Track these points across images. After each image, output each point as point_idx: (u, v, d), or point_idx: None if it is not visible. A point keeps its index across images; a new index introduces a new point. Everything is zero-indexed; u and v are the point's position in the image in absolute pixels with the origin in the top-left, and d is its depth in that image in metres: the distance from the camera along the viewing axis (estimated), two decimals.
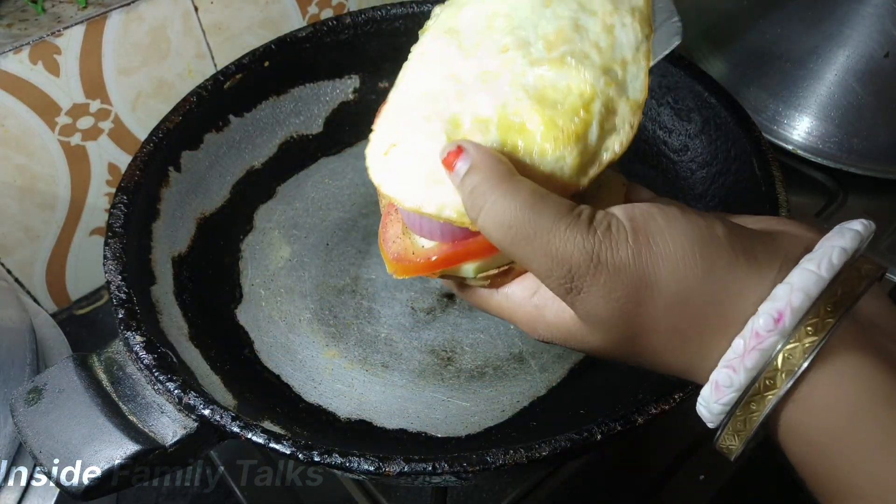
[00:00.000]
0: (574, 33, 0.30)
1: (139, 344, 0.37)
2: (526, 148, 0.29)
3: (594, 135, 0.29)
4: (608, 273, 0.25)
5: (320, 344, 0.49)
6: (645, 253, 0.25)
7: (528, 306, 0.31)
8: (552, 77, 0.29)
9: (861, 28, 0.64)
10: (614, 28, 0.30)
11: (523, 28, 0.31)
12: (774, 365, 0.24)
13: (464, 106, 0.30)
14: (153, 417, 0.36)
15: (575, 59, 0.29)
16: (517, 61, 0.30)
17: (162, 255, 0.47)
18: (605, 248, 0.25)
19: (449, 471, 0.32)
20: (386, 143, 0.31)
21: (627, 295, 0.25)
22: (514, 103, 0.29)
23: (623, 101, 0.29)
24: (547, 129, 0.28)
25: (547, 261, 0.26)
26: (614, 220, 0.26)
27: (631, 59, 0.30)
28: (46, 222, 0.60)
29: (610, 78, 0.29)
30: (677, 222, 0.26)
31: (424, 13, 0.57)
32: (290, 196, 0.57)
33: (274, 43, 0.54)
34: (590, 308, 0.26)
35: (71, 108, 0.56)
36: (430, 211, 0.29)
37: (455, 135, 0.29)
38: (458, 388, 0.46)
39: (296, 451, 0.33)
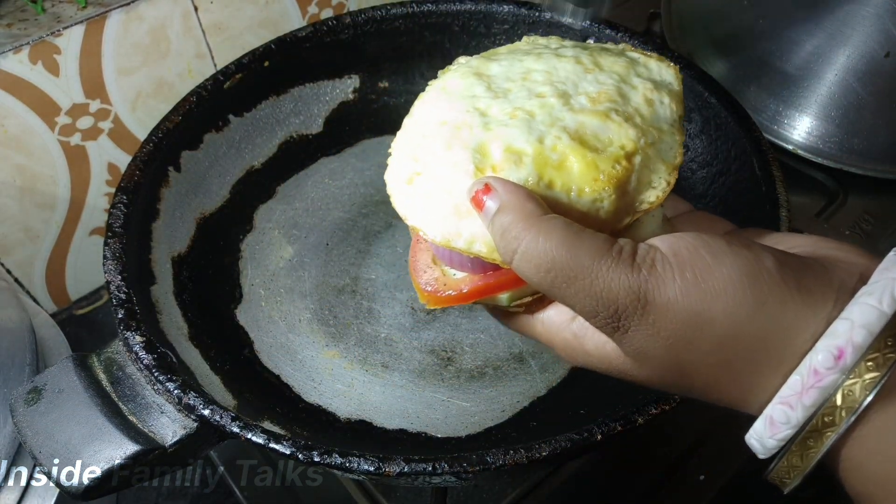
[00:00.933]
0: (618, 96, 0.30)
1: (139, 344, 0.37)
2: (564, 185, 0.28)
3: (633, 184, 0.29)
4: (657, 312, 0.24)
5: (320, 344, 0.49)
6: (693, 290, 0.24)
7: (566, 333, 0.30)
8: (595, 126, 0.29)
9: (861, 28, 0.64)
10: (654, 103, 0.31)
11: (563, 84, 0.31)
12: (833, 402, 0.23)
13: (492, 136, 0.29)
14: (153, 417, 0.36)
15: (619, 117, 0.29)
16: (556, 107, 0.30)
17: (162, 255, 0.47)
18: (651, 286, 0.24)
19: (449, 471, 0.32)
20: (408, 171, 0.31)
21: (677, 333, 0.25)
22: (553, 140, 0.28)
23: (660, 162, 0.30)
24: (587, 169, 0.28)
25: (591, 301, 0.25)
26: (659, 256, 0.25)
27: (667, 130, 0.31)
28: (46, 222, 0.60)
29: (650, 140, 0.29)
30: (725, 257, 0.25)
31: (424, 13, 0.57)
32: (290, 196, 0.57)
33: (274, 43, 0.54)
34: (637, 346, 0.26)
35: (71, 108, 0.56)
36: (459, 246, 0.29)
37: (483, 163, 0.28)
38: (458, 389, 0.46)
39: (296, 451, 0.33)
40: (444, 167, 0.29)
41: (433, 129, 0.31)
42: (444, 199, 0.29)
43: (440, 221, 0.29)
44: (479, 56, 0.34)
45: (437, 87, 0.33)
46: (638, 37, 0.53)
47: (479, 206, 0.27)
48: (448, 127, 0.30)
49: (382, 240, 0.55)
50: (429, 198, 0.29)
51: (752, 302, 0.24)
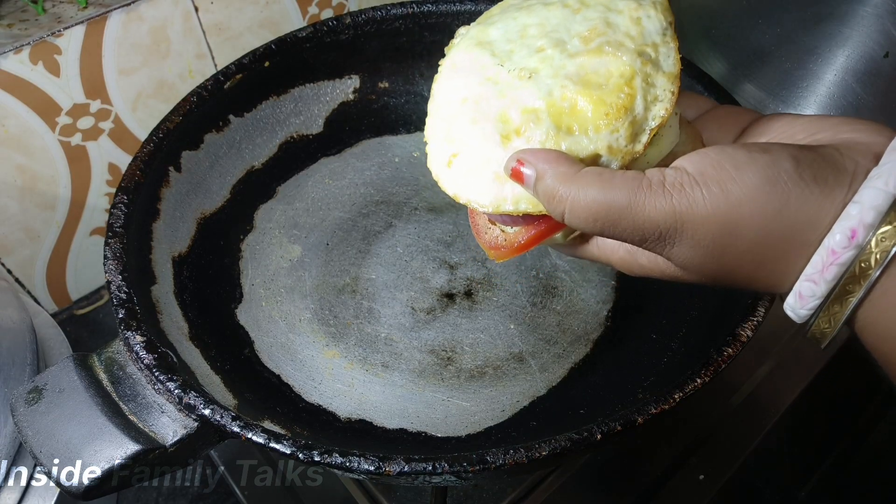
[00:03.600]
0: (606, 28, 0.32)
1: (139, 344, 0.37)
2: (581, 127, 0.31)
3: (640, 106, 0.31)
4: (693, 227, 0.28)
5: (320, 344, 0.49)
6: (722, 202, 0.27)
7: (620, 252, 0.33)
8: (593, 64, 0.31)
9: (860, 28, 0.64)
10: (641, 20, 0.33)
11: (557, 31, 0.33)
12: (853, 273, 0.27)
13: (507, 102, 0.32)
14: (153, 417, 0.36)
15: (611, 47, 0.31)
16: (555, 57, 0.32)
17: (162, 255, 0.47)
18: (684, 207, 0.28)
19: (449, 470, 0.32)
20: (446, 154, 0.33)
21: (714, 241, 0.28)
22: (560, 90, 0.31)
23: (660, 75, 0.32)
24: (597, 106, 0.30)
25: (638, 233, 0.29)
26: (686, 178, 0.28)
27: (660, 42, 0.32)
28: (47, 222, 0.60)
29: (645, 58, 0.32)
30: (746, 167, 0.28)
31: (424, 13, 0.57)
32: (291, 196, 0.57)
33: (274, 43, 0.54)
34: (683, 257, 0.29)
35: (71, 109, 0.56)
36: (508, 209, 0.32)
37: (507, 130, 0.31)
38: (458, 388, 0.46)
39: (296, 450, 0.33)
40: (476, 142, 0.32)
41: (457, 109, 0.33)
42: (483, 172, 0.32)
43: (485, 192, 0.32)
44: (476, 23, 0.36)
45: (448, 65, 0.35)
46: None
47: (520, 179, 0.30)
48: (469, 103, 0.33)
49: (382, 240, 0.55)
50: (470, 174, 0.32)
51: (776, 203, 0.27)
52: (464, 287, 0.52)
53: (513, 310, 0.50)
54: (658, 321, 0.47)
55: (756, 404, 0.58)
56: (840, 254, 0.26)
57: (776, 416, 0.57)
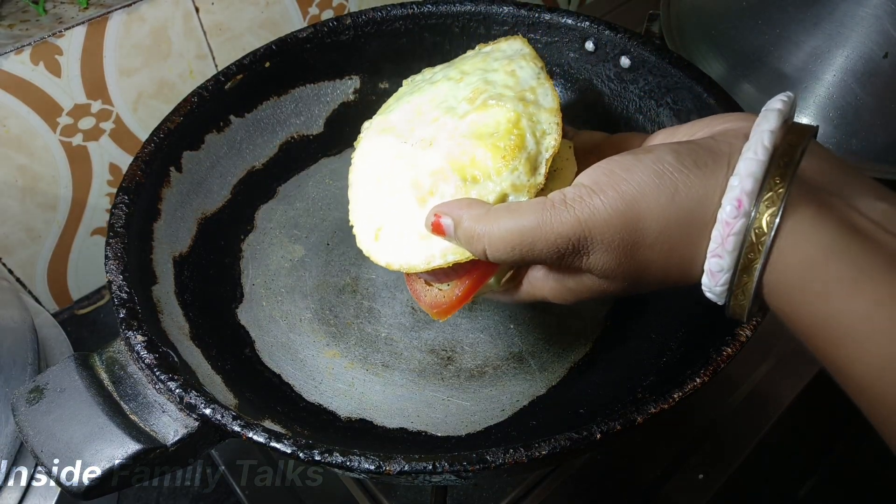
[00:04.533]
0: (486, 86, 0.36)
1: (140, 343, 0.37)
2: (484, 174, 0.34)
3: (531, 142, 0.34)
4: (600, 231, 0.30)
5: (321, 343, 0.49)
6: (619, 203, 0.30)
7: (550, 283, 0.35)
8: (481, 118, 0.35)
9: (860, 29, 0.64)
10: (515, 71, 0.36)
11: (446, 101, 0.37)
12: (750, 240, 0.28)
13: (417, 171, 0.35)
14: (154, 417, 0.36)
15: (494, 100, 0.35)
16: (448, 122, 0.35)
17: (163, 254, 0.47)
18: (586, 215, 0.30)
19: (449, 469, 0.32)
20: (372, 230, 0.36)
21: (622, 239, 0.30)
22: (458, 148, 0.34)
23: (542, 112, 0.35)
24: (493, 152, 0.34)
25: (553, 250, 0.30)
26: (583, 190, 0.30)
27: (536, 84, 0.36)
28: (48, 222, 0.61)
29: (526, 101, 0.35)
30: (634, 168, 0.30)
31: (425, 14, 0.57)
32: (291, 196, 0.57)
33: (275, 43, 0.55)
34: (601, 265, 0.31)
35: (72, 109, 0.56)
36: (438, 263, 0.34)
37: (421, 193, 0.34)
38: (458, 388, 0.46)
39: (296, 450, 0.33)
40: (397, 211, 0.35)
41: (373, 188, 0.37)
42: (409, 236, 0.35)
43: (415, 253, 0.35)
44: (377, 115, 0.41)
45: (359, 155, 0.39)
46: (637, 37, 0.53)
47: (440, 231, 0.33)
48: (384, 181, 0.36)
49: None
50: (398, 241, 0.35)
51: (667, 192, 0.29)
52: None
53: (513, 310, 0.50)
54: (658, 321, 0.48)
55: (756, 404, 0.58)
56: (732, 224, 0.28)
57: (776, 415, 0.57)
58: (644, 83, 0.53)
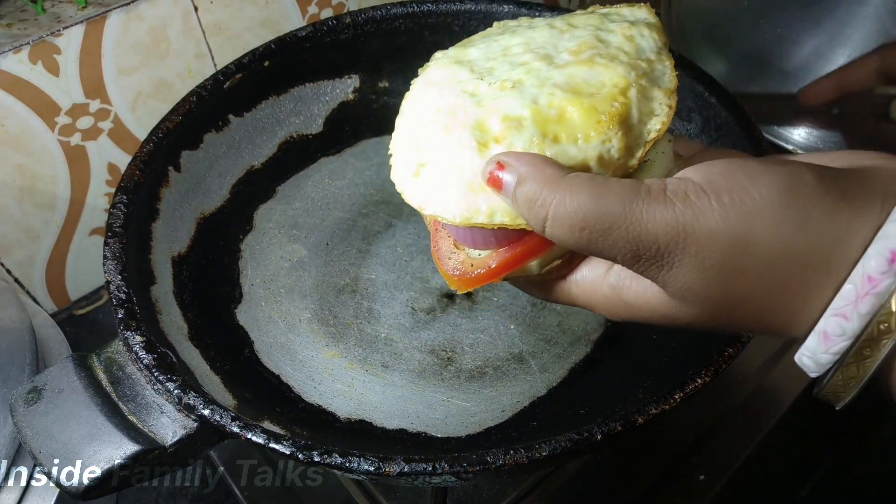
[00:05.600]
0: (597, 42, 0.30)
1: (139, 344, 0.37)
2: (569, 136, 0.28)
3: (635, 117, 0.29)
4: (698, 242, 0.24)
5: (320, 344, 0.49)
6: (733, 214, 0.23)
7: (604, 288, 0.29)
8: (583, 73, 0.29)
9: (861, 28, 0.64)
10: (634, 38, 0.31)
11: (543, 48, 0.31)
12: (888, 308, 0.22)
13: (487, 111, 0.29)
14: (153, 417, 0.36)
15: (603, 59, 0.29)
16: (542, 69, 0.30)
17: (162, 254, 0.47)
18: (689, 217, 0.23)
19: (449, 471, 0.32)
20: (414, 164, 0.31)
21: (723, 261, 0.24)
22: (547, 98, 0.28)
23: (656, 89, 0.30)
24: (588, 114, 0.28)
25: (631, 247, 0.24)
26: (691, 186, 0.24)
27: (655, 59, 0.31)
28: (46, 222, 0.60)
29: (640, 72, 0.29)
30: (762, 177, 0.24)
31: (424, 13, 0.57)
32: (290, 196, 0.57)
33: (274, 43, 0.54)
34: (682, 283, 0.25)
35: (71, 108, 0.56)
36: (481, 221, 0.29)
37: (485, 138, 0.29)
38: (458, 388, 0.46)
39: (295, 451, 0.33)
40: (448, 150, 0.29)
41: (428, 119, 0.31)
42: (455, 181, 0.29)
43: (456, 202, 0.29)
44: (454, 46, 0.35)
45: (422, 81, 0.33)
46: None
47: (497, 185, 0.27)
48: (443, 113, 0.30)
49: (382, 240, 0.55)
50: (440, 183, 0.30)
51: (797, 217, 0.23)
52: None
53: (513, 310, 0.50)
54: None
55: (756, 404, 0.57)
56: (878, 281, 0.22)
57: (776, 415, 0.57)
58: None
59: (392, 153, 0.32)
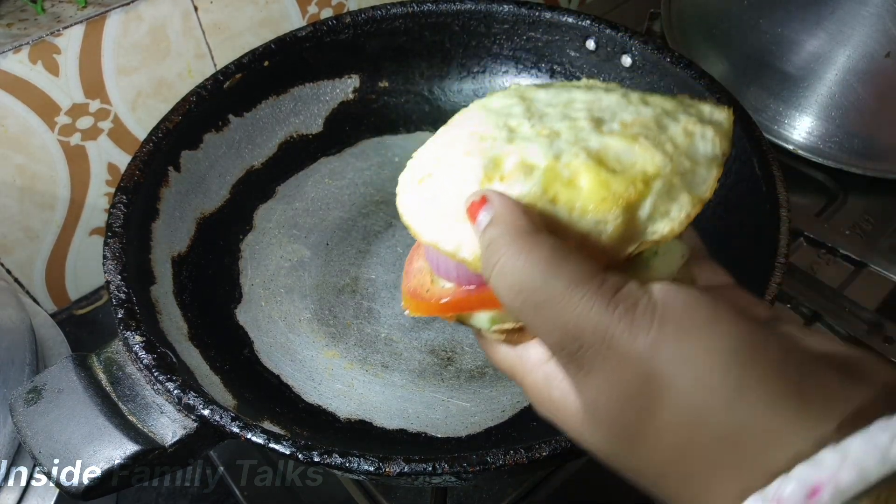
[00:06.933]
0: (653, 124, 0.29)
1: (139, 344, 0.37)
2: (567, 202, 0.27)
3: (645, 211, 0.27)
4: (617, 359, 0.21)
5: (320, 344, 0.49)
6: (666, 350, 0.21)
7: (538, 374, 0.27)
8: (619, 148, 0.27)
9: (862, 28, 0.64)
10: (694, 135, 0.29)
11: (602, 112, 0.30)
12: None
13: (511, 149, 0.28)
14: (153, 417, 0.36)
15: (648, 141, 0.28)
16: (585, 129, 0.29)
17: (161, 254, 0.47)
18: (621, 329, 0.21)
19: (449, 471, 0.32)
20: (422, 172, 0.30)
21: (633, 392, 0.21)
22: (569, 157, 0.27)
23: (685, 193, 0.27)
24: (596, 188, 0.26)
25: (557, 332, 0.22)
26: (644, 300, 0.22)
27: (703, 164, 0.28)
28: (46, 222, 0.60)
29: (678, 168, 0.27)
30: (722, 325, 0.21)
31: (424, 13, 0.57)
32: (290, 196, 0.57)
33: (274, 42, 0.54)
34: (591, 395, 0.23)
35: (70, 108, 0.56)
36: (447, 248, 0.28)
37: (493, 173, 0.28)
38: (459, 389, 0.46)
39: (295, 451, 0.33)
40: (455, 172, 0.29)
41: (461, 137, 0.30)
42: (445, 202, 0.29)
43: (434, 222, 0.29)
44: (532, 85, 0.34)
45: (479, 104, 0.33)
46: (638, 36, 0.53)
47: (472, 217, 0.26)
48: (475, 138, 0.30)
49: (382, 240, 0.55)
50: (432, 199, 0.29)
51: (732, 388, 0.20)
52: None
53: None
54: None
55: None
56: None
57: None
58: (645, 82, 0.53)
59: (415, 155, 0.32)
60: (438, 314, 0.30)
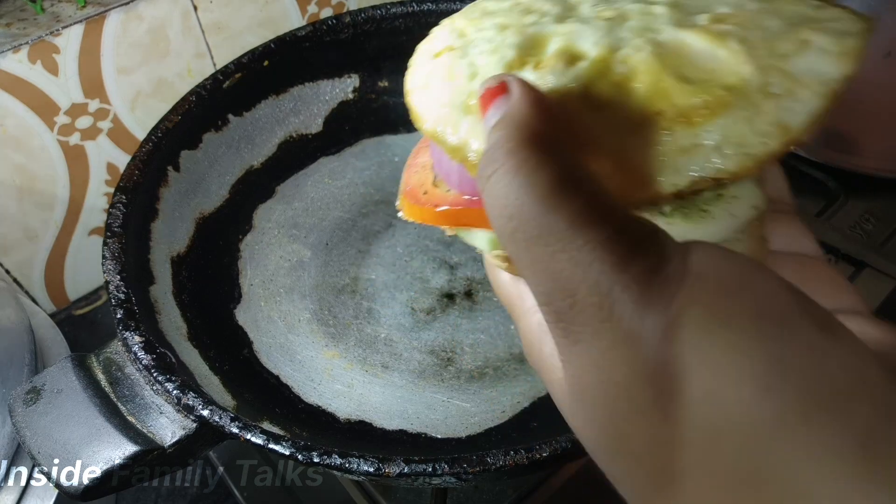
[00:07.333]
0: (757, 23, 0.21)
1: (138, 344, 0.37)
2: (611, 108, 0.20)
3: (713, 136, 0.20)
4: (614, 337, 0.16)
5: (320, 344, 0.49)
6: (683, 341, 0.15)
7: (534, 319, 0.23)
8: (698, 47, 0.21)
9: None
10: (809, 46, 0.21)
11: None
12: None
13: (560, 29, 0.22)
14: (152, 418, 0.36)
15: (738, 45, 0.21)
16: (661, 16, 0.22)
17: (161, 255, 0.47)
18: (628, 297, 0.15)
19: (449, 472, 0.32)
20: (444, 44, 0.25)
21: (628, 384, 0.16)
22: (629, 51, 0.21)
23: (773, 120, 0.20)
24: (653, 95, 0.20)
25: (546, 280, 0.16)
26: (673, 265, 0.16)
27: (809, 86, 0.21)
28: (45, 222, 0.60)
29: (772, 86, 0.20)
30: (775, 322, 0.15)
31: (424, 12, 0.57)
32: (290, 196, 0.57)
33: (273, 42, 0.54)
34: (578, 372, 0.17)
35: (70, 108, 0.56)
36: (449, 142, 0.22)
37: (527, 56, 0.22)
38: (458, 389, 0.46)
39: (295, 451, 0.33)
40: (483, 48, 0.23)
41: (501, 7, 0.25)
42: (460, 85, 0.23)
43: (441, 107, 0.23)
44: None
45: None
46: None
47: (483, 108, 0.20)
48: (518, 8, 0.24)
49: (382, 240, 0.55)
50: (445, 77, 0.24)
51: (774, 417, 0.14)
52: (464, 287, 0.51)
53: None
54: None
55: None
56: None
57: None
58: None
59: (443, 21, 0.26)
60: (433, 223, 0.25)
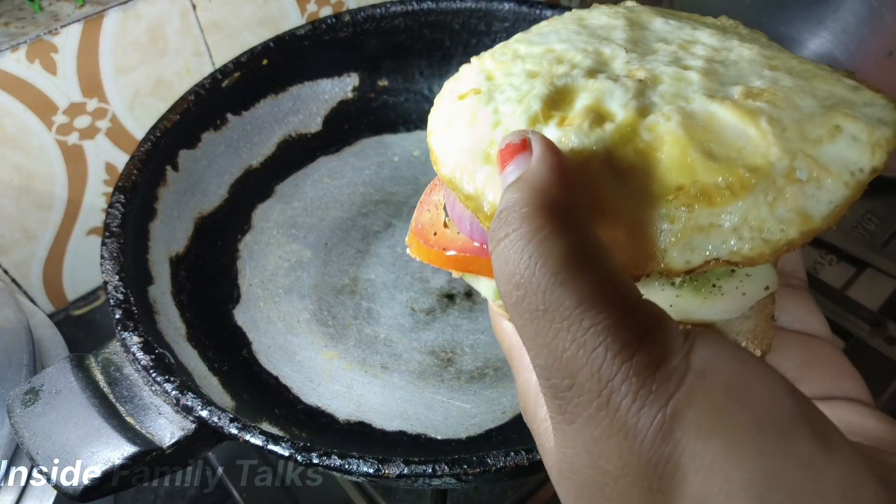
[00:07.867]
0: (785, 104, 0.21)
1: (136, 345, 0.37)
2: (633, 175, 0.20)
3: (732, 217, 0.19)
4: (609, 427, 0.16)
5: (319, 345, 0.48)
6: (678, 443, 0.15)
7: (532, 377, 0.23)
8: (728, 122, 0.20)
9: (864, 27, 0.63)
10: (841, 132, 0.20)
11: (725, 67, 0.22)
12: None
13: (589, 84, 0.22)
14: (150, 419, 0.36)
15: (769, 125, 0.20)
16: (693, 83, 0.21)
17: (159, 255, 0.47)
18: (627, 390, 0.15)
19: (449, 473, 0.32)
20: (470, 85, 0.24)
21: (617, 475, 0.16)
22: (657, 118, 0.20)
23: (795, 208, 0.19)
24: (676, 168, 0.19)
25: (547, 356, 0.17)
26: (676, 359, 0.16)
27: (837, 175, 0.20)
28: (43, 222, 0.60)
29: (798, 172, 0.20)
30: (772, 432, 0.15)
31: (424, 11, 0.56)
32: (289, 195, 0.57)
33: (272, 41, 0.54)
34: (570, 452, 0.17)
35: (68, 107, 0.56)
36: (465, 190, 0.22)
37: (554, 109, 0.21)
38: (459, 390, 0.46)
39: (294, 452, 0.33)
40: (510, 95, 0.23)
41: (533, 53, 0.24)
42: (482, 133, 0.22)
43: (461, 153, 0.22)
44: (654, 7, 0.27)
45: (576, 14, 0.26)
46: None
47: (501, 164, 0.19)
48: (549, 57, 0.23)
49: (382, 240, 0.55)
50: (469, 122, 0.23)
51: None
52: (464, 287, 0.51)
53: None
54: None
55: None
56: None
57: None
58: None
59: (472, 59, 0.26)
60: (439, 266, 0.25)
